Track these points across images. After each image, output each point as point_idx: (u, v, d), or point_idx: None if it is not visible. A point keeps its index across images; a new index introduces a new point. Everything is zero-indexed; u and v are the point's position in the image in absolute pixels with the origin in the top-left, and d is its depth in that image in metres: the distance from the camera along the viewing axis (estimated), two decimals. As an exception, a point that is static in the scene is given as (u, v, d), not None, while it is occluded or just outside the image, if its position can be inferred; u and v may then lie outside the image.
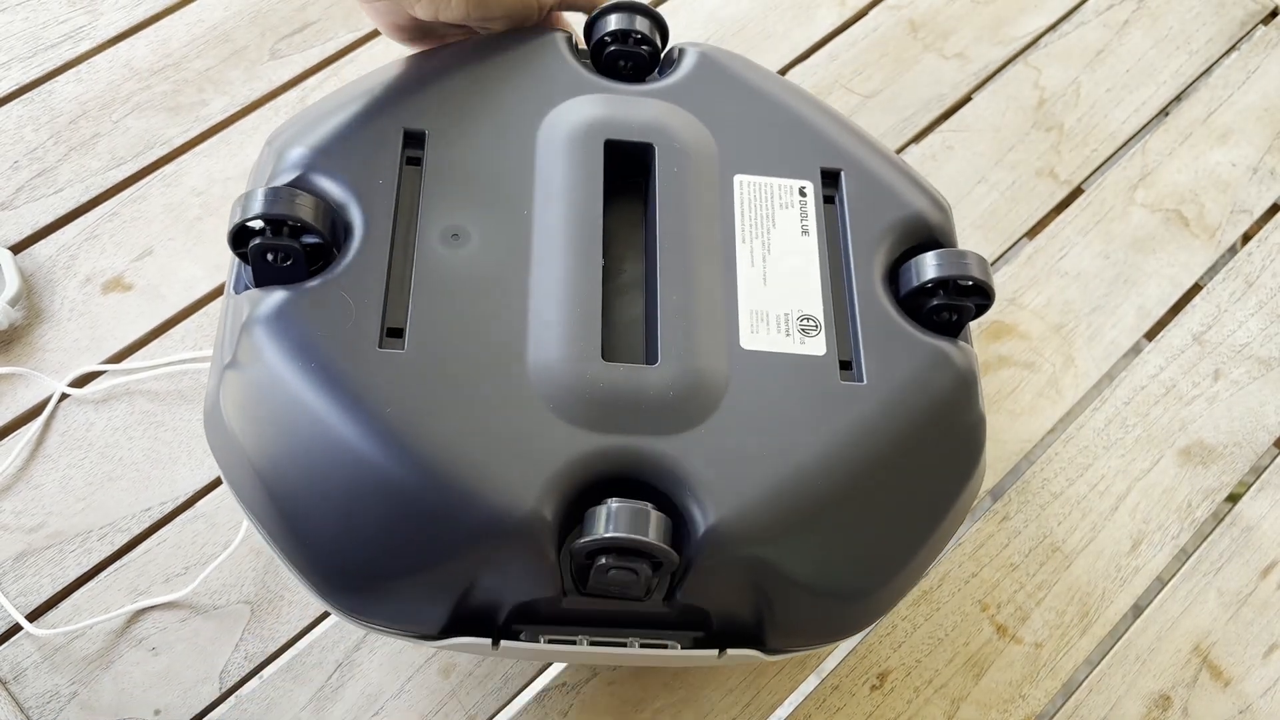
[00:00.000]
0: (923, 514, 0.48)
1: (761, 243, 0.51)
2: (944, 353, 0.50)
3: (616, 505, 0.42)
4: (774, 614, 0.46)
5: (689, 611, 0.46)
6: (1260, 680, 0.60)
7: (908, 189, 0.55)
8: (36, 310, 0.65)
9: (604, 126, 0.52)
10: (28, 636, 0.56)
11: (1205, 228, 0.75)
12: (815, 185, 0.54)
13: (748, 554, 0.44)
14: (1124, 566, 0.62)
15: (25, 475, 0.60)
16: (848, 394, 0.47)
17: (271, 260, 0.47)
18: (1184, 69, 0.81)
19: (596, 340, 0.46)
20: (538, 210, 0.50)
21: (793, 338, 0.49)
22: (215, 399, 0.46)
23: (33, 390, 0.62)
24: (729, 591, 0.45)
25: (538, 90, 0.53)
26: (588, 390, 0.45)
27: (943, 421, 0.49)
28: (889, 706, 0.57)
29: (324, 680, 0.56)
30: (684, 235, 0.50)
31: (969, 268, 0.50)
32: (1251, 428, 0.67)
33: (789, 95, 0.57)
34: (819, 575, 0.46)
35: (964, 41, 0.81)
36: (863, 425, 0.47)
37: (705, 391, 0.46)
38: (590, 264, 0.48)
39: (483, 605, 0.45)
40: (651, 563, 0.43)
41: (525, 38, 0.56)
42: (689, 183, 0.52)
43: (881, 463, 0.47)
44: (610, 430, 0.44)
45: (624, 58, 0.56)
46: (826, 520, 0.45)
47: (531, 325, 0.46)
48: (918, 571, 0.49)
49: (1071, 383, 0.68)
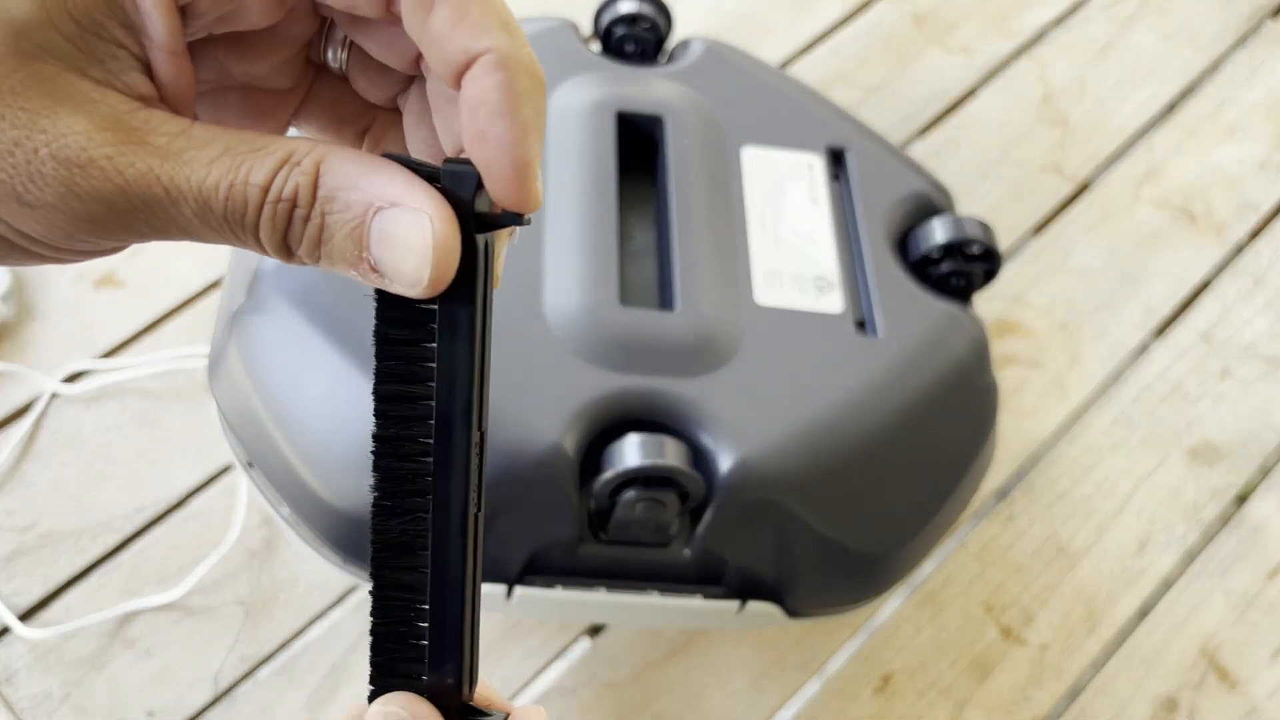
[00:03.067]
0: (940, 474, 0.48)
1: (772, 209, 0.52)
2: (957, 315, 0.51)
3: (639, 436, 0.42)
4: (794, 567, 0.46)
5: (708, 562, 0.45)
6: (1268, 682, 0.59)
7: (910, 170, 0.56)
8: (27, 307, 0.64)
9: (615, 99, 0.53)
10: (19, 638, 0.55)
11: (1212, 224, 0.74)
12: (822, 161, 0.54)
13: (769, 497, 0.43)
14: (1130, 567, 0.62)
15: (16, 474, 0.59)
16: (865, 348, 0.48)
17: None
18: (1191, 64, 0.80)
19: (614, 286, 0.46)
20: (552, 172, 0.50)
21: (807, 294, 0.49)
22: (224, 346, 0.45)
23: (23, 388, 0.61)
24: (749, 538, 0.44)
25: (549, 67, 0.54)
26: (606, 332, 0.45)
27: (957, 380, 0.49)
28: (892, 709, 0.57)
29: (318, 683, 0.55)
30: (696, 199, 0.50)
31: (978, 232, 0.51)
32: (1259, 427, 0.67)
33: (792, 84, 0.58)
34: (839, 527, 0.45)
35: (968, 36, 0.80)
36: (880, 378, 0.47)
37: (723, 339, 0.46)
38: (605, 218, 0.48)
39: (499, 552, 0.44)
40: (678, 492, 0.42)
41: (536, 26, 0.56)
42: (699, 153, 0.52)
43: (898, 417, 0.47)
44: (630, 370, 0.44)
45: (631, 41, 0.57)
46: (846, 471, 0.45)
47: (548, 273, 0.46)
48: (935, 534, 0.49)
49: (1077, 381, 0.67)
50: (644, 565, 0.45)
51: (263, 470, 0.44)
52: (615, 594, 0.45)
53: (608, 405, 0.43)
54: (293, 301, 0.44)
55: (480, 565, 0.24)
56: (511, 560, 0.44)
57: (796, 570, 0.46)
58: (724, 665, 0.57)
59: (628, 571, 0.45)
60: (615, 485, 0.42)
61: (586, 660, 0.56)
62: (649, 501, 0.42)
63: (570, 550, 0.44)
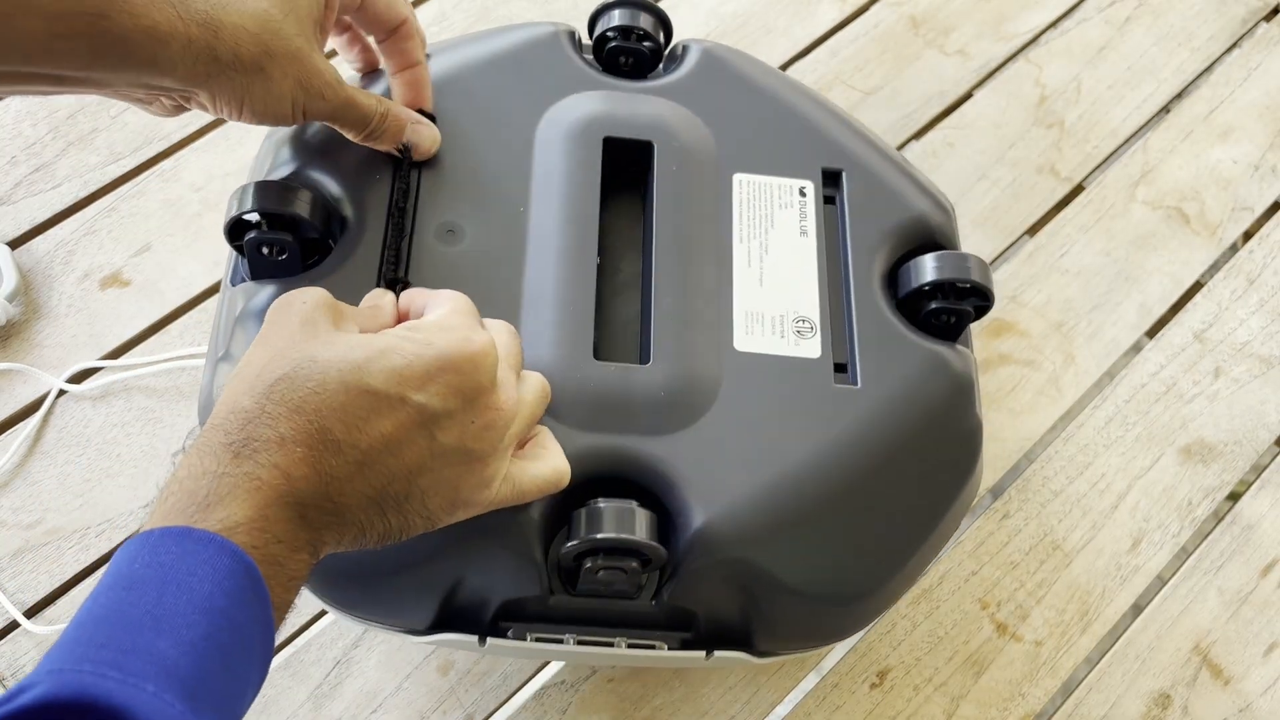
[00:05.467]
0: (915, 521, 0.48)
1: (759, 243, 0.51)
2: (941, 357, 0.49)
3: (603, 504, 0.42)
4: (762, 617, 0.46)
5: (677, 613, 0.45)
6: (1260, 679, 0.60)
7: (910, 190, 0.54)
8: (34, 306, 0.64)
9: (603, 123, 0.52)
10: (25, 633, 0.55)
11: (1206, 225, 0.75)
12: (816, 185, 0.53)
13: (735, 555, 0.44)
14: (1124, 565, 0.62)
15: (23, 472, 0.60)
16: (841, 397, 0.47)
17: (267, 254, 0.47)
18: (1185, 66, 0.81)
19: (589, 339, 0.46)
20: (534, 208, 0.49)
21: (787, 339, 0.48)
22: (209, 393, 0.46)
23: (30, 386, 0.62)
24: (717, 593, 0.45)
25: (538, 86, 0.53)
26: (578, 389, 0.45)
27: (938, 427, 0.48)
28: (889, 704, 0.57)
29: (322, 677, 0.56)
30: (681, 235, 0.50)
31: (968, 271, 0.50)
32: (1252, 426, 0.67)
33: (792, 93, 0.57)
34: (807, 579, 0.45)
35: (965, 38, 0.81)
36: (855, 429, 0.46)
37: (697, 392, 0.46)
38: (585, 263, 0.48)
39: (470, 603, 0.45)
40: (640, 559, 0.42)
41: (527, 34, 0.56)
42: (688, 181, 0.51)
43: (873, 468, 0.46)
44: (600, 429, 0.44)
45: (626, 54, 0.56)
46: (816, 524, 0.45)
47: (525, 323, 0.46)
48: (910, 578, 0.49)
49: (1072, 381, 0.68)
50: (613, 614, 0.45)
51: None
52: (584, 646, 0.45)
53: (576, 465, 0.43)
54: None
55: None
56: (483, 612, 0.45)
57: (765, 619, 0.46)
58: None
59: (598, 619, 0.45)
60: (578, 553, 0.42)
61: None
62: (609, 569, 0.42)
63: (540, 601, 0.44)
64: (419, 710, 0.55)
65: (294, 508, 0.34)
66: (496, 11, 0.79)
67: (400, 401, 0.36)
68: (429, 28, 0.76)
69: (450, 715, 0.55)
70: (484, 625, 0.45)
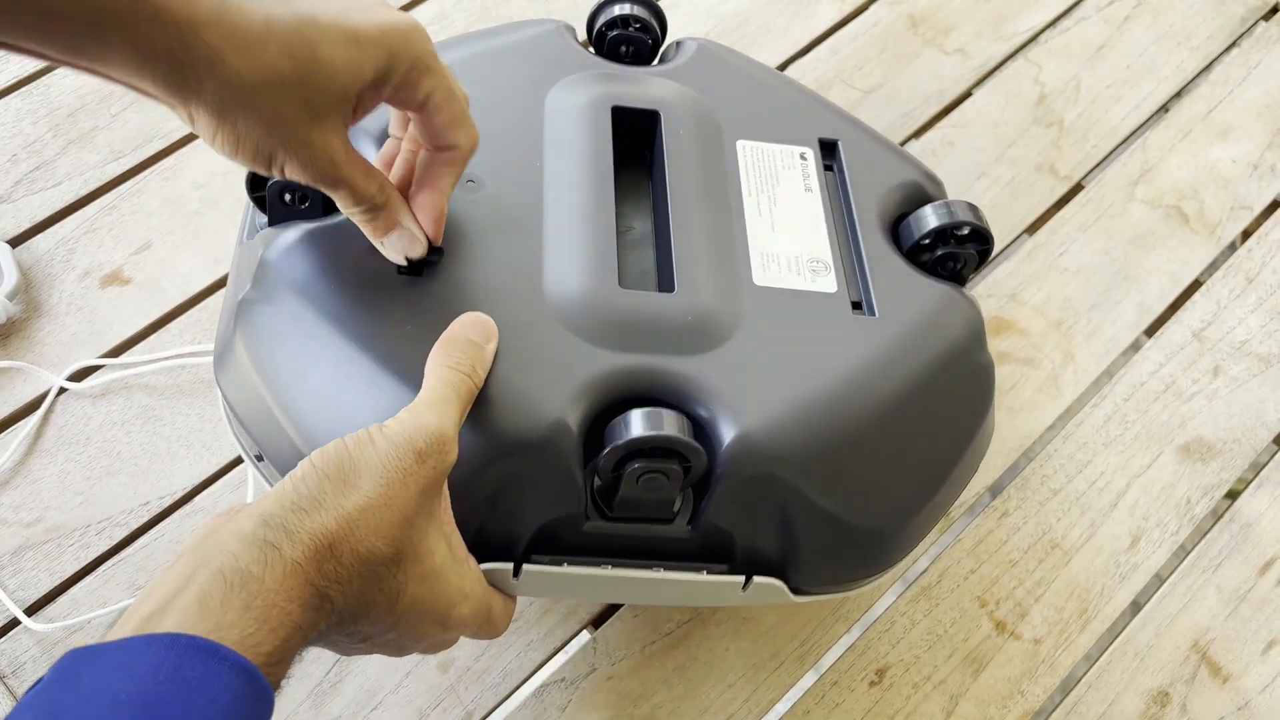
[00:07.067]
0: (941, 451, 0.49)
1: (768, 196, 0.53)
2: (952, 294, 0.51)
3: (639, 410, 0.42)
4: (797, 542, 0.46)
5: (712, 540, 0.46)
6: (1259, 677, 0.60)
7: (902, 160, 0.57)
8: (35, 304, 0.65)
9: (610, 95, 0.53)
10: (26, 631, 0.55)
11: (1205, 224, 0.75)
12: (815, 153, 0.55)
13: (773, 472, 0.44)
14: (1123, 563, 0.62)
15: (23, 469, 0.60)
16: (862, 325, 0.48)
17: (289, 201, 0.47)
18: (1185, 65, 0.81)
19: (613, 269, 0.47)
20: (549, 163, 0.50)
21: (803, 276, 0.50)
22: (229, 338, 0.46)
23: (31, 384, 0.62)
24: (753, 513, 0.45)
25: (544, 66, 0.55)
26: (606, 313, 0.45)
27: (956, 359, 0.50)
28: (887, 702, 0.57)
29: (322, 675, 0.56)
30: (692, 188, 0.51)
31: (964, 214, 0.52)
32: (1251, 424, 0.67)
33: (785, 83, 0.59)
34: (842, 502, 0.46)
35: (964, 37, 0.81)
36: (879, 355, 0.47)
37: (722, 318, 0.47)
38: (603, 206, 0.49)
39: (506, 530, 0.44)
40: (681, 463, 0.42)
41: (531, 28, 0.57)
42: (694, 145, 0.53)
43: (898, 394, 0.47)
44: (630, 349, 0.45)
45: (625, 43, 0.57)
46: (848, 446, 0.46)
47: (548, 258, 0.47)
48: (937, 512, 0.50)
49: (1071, 379, 0.68)
50: (649, 542, 0.45)
51: (272, 462, 0.45)
52: (621, 570, 0.45)
53: (609, 383, 0.44)
54: (298, 290, 0.44)
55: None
56: (518, 538, 0.44)
57: (800, 546, 0.46)
58: (721, 658, 0.58)
59: (633, 549, 0.45)
60: (619, 458, 0.42)
61: (586, 652, 0.57)
62: (653, 474, 0.42)
63: (575, 527, 0.44)
64: (419, 708, 0.55)
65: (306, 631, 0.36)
66: (496, 11, 0.79)
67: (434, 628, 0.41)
68: (429, 27, 0.77)
69: (450, 713, 0.55)
70: (518, 554, 0.45)
